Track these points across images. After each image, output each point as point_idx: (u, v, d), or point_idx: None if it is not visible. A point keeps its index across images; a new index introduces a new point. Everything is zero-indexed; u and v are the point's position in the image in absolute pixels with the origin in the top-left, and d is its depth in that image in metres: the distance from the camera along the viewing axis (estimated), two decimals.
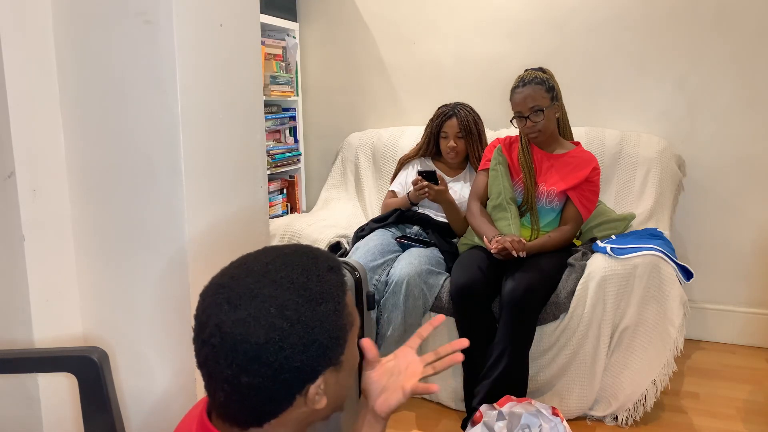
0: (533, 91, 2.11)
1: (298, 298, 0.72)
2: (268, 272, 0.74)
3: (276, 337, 0.70)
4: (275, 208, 3.07)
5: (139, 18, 1.27)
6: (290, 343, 0.70)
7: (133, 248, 1.37)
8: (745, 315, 2.69)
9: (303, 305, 0.72)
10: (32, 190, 1.32)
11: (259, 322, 0.70)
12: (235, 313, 0.71)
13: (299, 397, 0.74)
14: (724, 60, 2.57)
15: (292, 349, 0.70)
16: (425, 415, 2.14)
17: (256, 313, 0.70)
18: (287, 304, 0.71)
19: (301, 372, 0.72)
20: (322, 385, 0.74)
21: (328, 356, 0.74)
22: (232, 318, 0.70)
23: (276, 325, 0.70)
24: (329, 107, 3.23)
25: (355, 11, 3.08)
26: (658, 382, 1.99)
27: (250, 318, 0.70)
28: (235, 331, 0.70)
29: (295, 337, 0.70)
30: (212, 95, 1.39)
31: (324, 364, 0.74)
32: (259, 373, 0.70)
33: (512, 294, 1.93)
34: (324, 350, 0.73)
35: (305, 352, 0.71)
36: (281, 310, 0.71)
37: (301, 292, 0.73)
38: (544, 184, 2.20)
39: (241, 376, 0.70)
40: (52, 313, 1.38)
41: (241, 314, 0.70)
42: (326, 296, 0.74)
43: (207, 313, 0.73)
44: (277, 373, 0.70)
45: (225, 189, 1.46)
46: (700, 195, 2.69)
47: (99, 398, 1.09)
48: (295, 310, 0.71)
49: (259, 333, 0.69)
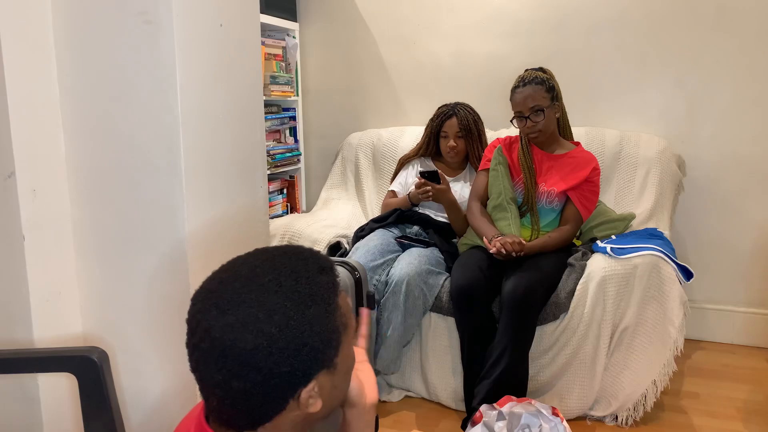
0: (533, 91, 2.11)
1: (286, 302, 0.71)
2: (255, 276, 0.73)
3: (264, 342, 0.69)
4: (275, 208, 3.07)
5: (139, 18, 1.27)
6: (279, 348, 0.69)
7: (133, 248, 1.37)
8: (745, 315, 2.69)
9: (292, 309, 0.71)
10: (32, 190, 1.32)
11: (247, 327, 0.69)
12: (223, 318, 0.70)
13: (292, 401, 0.73)
14: (724, 60, 2.57)
15: (282, 354, 0.69)
16: (425, 415, 2.14)
17: (244, 319, 0.69)
18: (275, 309, 0.70)
19: (293, 376, 0.71)
20: (315, 388, 0.73)
21: (320, 359, 0.73)
22: (220, 323, 0.70)
23: (264, 331, 0.69)
24: (329, 107, 3.23)
25: (355, 11, 3.08)
26: (658, 382, 1.99)
27: (238, 323, 0.69)
28: (224, 336, 0.69)
29: (284, 341, 0.69)
30: (212, 95, 1.39)
31: (316, 368, 0.73)
32: (250, 378, 0.69)
33: (512, 294, 1.93)
34: (315, 353, 0.72)
35: (296, 357, 0.70)
36: (269, 315, 0.70)
37: (290, 295, 0.71)
38: (544, 184, 2.20)
39: (231, 381, 0.69)
40: (52, 313, 1.38)
41: (229, 319, 0.70)
42: (316, 298, 0.73)
43: (197, 318, 0.72)
44: (268, 378, 0.70)
45: (225, 189, 1.46)
46: (700, 195, 2.69)
47: (99, 398, 1.09)
48: (283, 314, 0.70)
49: (247, 338, 0.69)
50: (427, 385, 2.21)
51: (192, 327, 0.73)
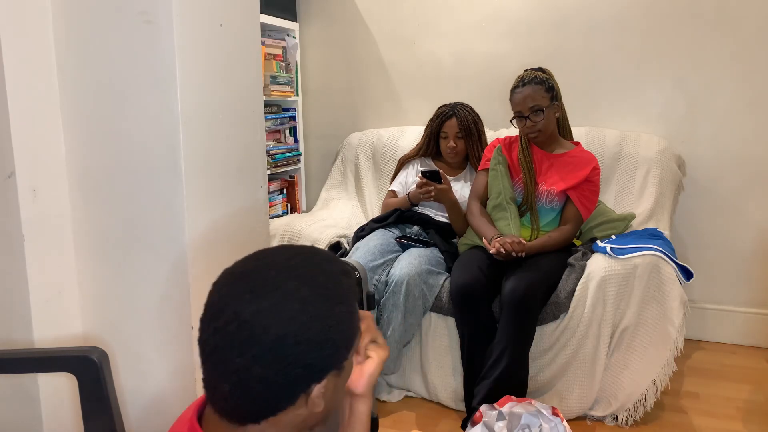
0: (533, 90, 2.11)
1: (318, 296, 0.73)
2: (291, 267, 0.75)
3: (295, 330, 0.70)
4: (275, 208, 3.07)
5: (139, 18, 1.27)
6: (307, 338, 0.71)
7: (133, 248, 1.37)
8: (745, 315, 2.69)
9: (323, 303, 0.73)
10: (32, 190, 1.32)
11: (281, 314, 0.70)
12: (257, 303, 0.71)
13: (302, 396, 0.74)
14: (724, 60, 2.57)
15: (308, 345, 0.71)
16: (425, 415, 2.14)
17: (278, 305, 0.71)
18: (309, 299, 0.72)
19: (311, 370, 0.72)
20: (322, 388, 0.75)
21: (337, 358, 0.75)
22: (253, 307, 0.71)
23: (296, 319, 0.71)
24: (329, 107, 3.23)
25: (355, 11, 3.08)
26: (658, 382, 1.99)
27: (273, 309, 0.71)
28: (254, 320, 0.70)
29: (313, 332, 0.71)
30: (212, 95, 1.39)
31: (333, 365, 0.75)
32: (273, 365, 0.70)
33: (512, 294, 1.93)
34: (336, 350, 0.74)
35: (319, 350, 0.72)
36: (303, 305, 0.71)
37: (322, 291, 0.74)
38: (544, 183, 2.20)
39: (253, 366, 0.70)
40: (52, 313, 1.38)
41: (263, 304, 0.71)
42: (343, 298, 0.75)
43: (225, 300, 0.73)
44: (289, 368, 0.71)
45: (225, 189, 1.46)
46: (700, 195, 2.69)
47: (99, 398, 1.09)
48: (315, 306, 0.72)
49: (279, 324, 0.70)
50: (427, 385, 2.21)
51: (217, 310, 0.73)
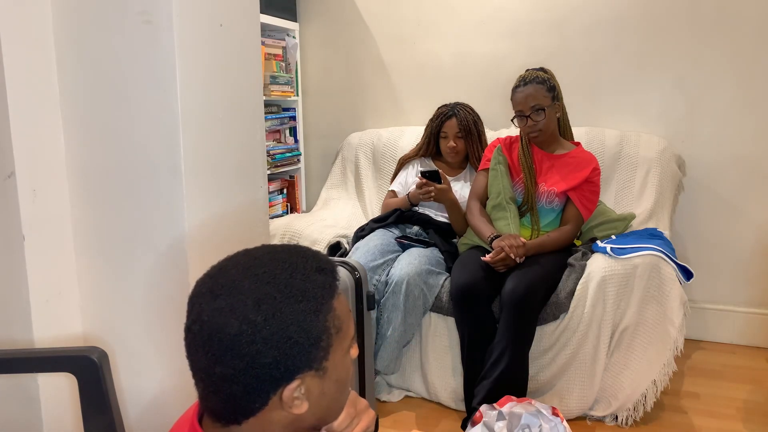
0: (534, 90, 2.11)
1: (276, 294, 0.72)
2: (253, 266, 0.75)
3: (248, 329, 0.70)
4: (275, 208, 3.07)
5: (139, 18, 1.27)
6: (263, 337, 0.70)
7: (132, 248, 1.37)
8: (745, 315, 2.69)
9: (281, 301, 0.72)
10: (32, 190, 1.32)
11: (235, 313, 0.71)
12: (214, 303, 0.72)
13: (274, 398, 0.73)
14: (724, 60, 2.57)
15: (265, 344, 0.70)
16: (425, 415, 2.14)
17: (232, 304, 0.71)
18: (264, 298, 0.71)
19: (275, 370, 0.71)
20: (301, 389, 0.73)
21: (305, 358, 0.73)
22: (211, 307, 0.72)
23: (249, 318, 0.70)
24: (329, 107, 3.23)
25: (355, 11, 3.08)
26: (658, 382, 1.99)
27: (227, 308, 0.71)
28: (212, 320, 0.71)
29: (269, 331, 0.70)
30: (212, 95, 1.39)
31: (301, 366, 0.73)
32: (232, 364, 0.70)
33: (512, 294, 1.93)
34: (301, 350, 0.72)
35: (278, 349, 0.71)
36: (257, 303, 0.71)
37: (281, 288, 0.72)
38: (545, 184, 2.20)
39: (215, 366, 0.71)
40: (52, 313, 1.38)
41: (219, 304, 0.72)
42: (308, 295, 0.73)
43: (192, 301, 0.75)
44: (249, 367, 0.70)
45: (225, 189, 1.46)
46: (700, 195, 2.69)
47: (99, 398, 1.09)
48: (271, 305, 0.71)
49: (232, 324, 0.70)
50: (427, 385, 2.21)
51: (188, 310, 0.75)
